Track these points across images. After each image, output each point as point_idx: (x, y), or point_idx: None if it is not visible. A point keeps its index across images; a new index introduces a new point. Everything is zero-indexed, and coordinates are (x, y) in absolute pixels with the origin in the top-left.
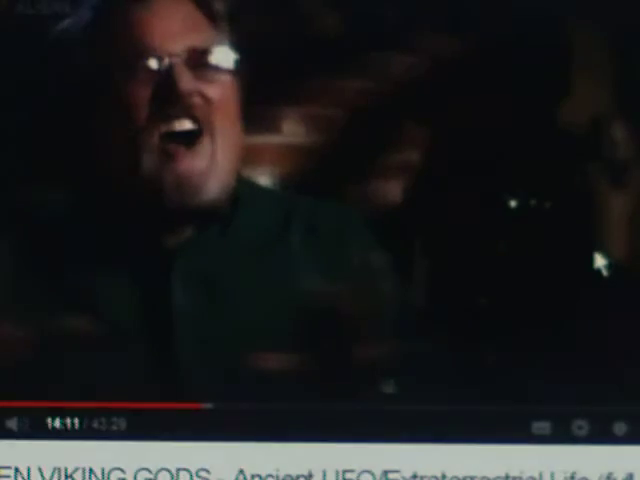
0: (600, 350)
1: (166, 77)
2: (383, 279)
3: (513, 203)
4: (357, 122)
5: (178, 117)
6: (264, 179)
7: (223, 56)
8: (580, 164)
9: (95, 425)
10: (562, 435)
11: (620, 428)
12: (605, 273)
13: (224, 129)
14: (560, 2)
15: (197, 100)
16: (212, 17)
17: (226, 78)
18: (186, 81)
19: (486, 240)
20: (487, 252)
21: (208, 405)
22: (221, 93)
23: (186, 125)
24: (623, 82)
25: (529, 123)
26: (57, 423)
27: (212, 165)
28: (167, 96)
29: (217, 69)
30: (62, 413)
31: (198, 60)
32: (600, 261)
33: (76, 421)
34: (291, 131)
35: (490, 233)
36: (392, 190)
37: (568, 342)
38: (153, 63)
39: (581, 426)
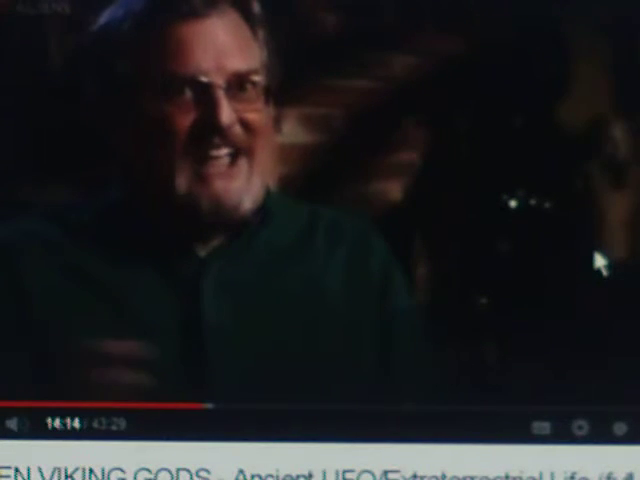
0: (600, 350)
1: (207, 109)
2: (392, 281)
3: (513, 203)
4: (357, 122)
5: (217, 146)
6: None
7: (262, 75)
8: (580, 164)
9: (95, 425)
10: (562, 435)
11: (620, 428)
12: (605, 273)
13: (262, 149)
14: (560, 2)
15: (237, 129)
16: (255, 29)
17: (263, 98)
18: (227, 114)
19: (486, 240)
20: (487, 252)
21: (208, 405)
22: (261, 115)
23: (223, 151)
24: (623, 82)
25: (529, 123)
26: (57, 423)
27: (248, 184)
28: (207, 128)
29: (257, 90)
30: (62, 413)
31: (240, 85)
32: (600, 261)
33: (76, 421)
34: (291, 131)
35: (490, 233)
36: (392, 190)
37: (568, 342)
38: (195, 92)
39: (581, 426)
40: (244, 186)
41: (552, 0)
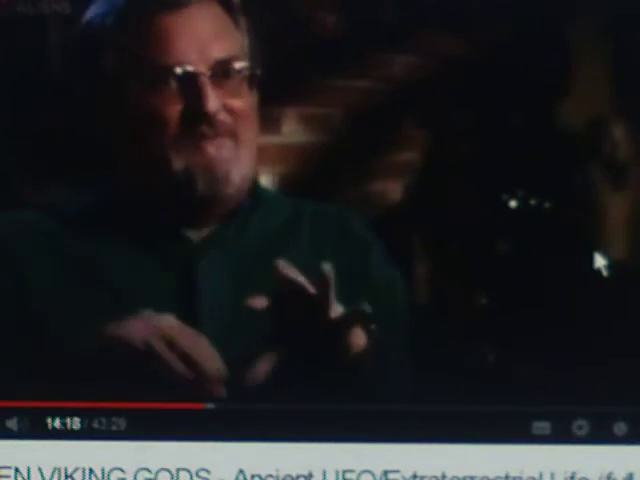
0: (600, 350)
1: (193, 97)
2: (384, 280)
3: (513, 203)
4: (357, 122)
5: (205, 132)
6: (264, 179)
7: (245, 62)
8: (580, 164)
9: (95, 425)
10: (562, 435)
11: (620, 428)
12: (605, 273)
13: (247, 131)
14: (560, 2)
15: (223, 116)
16: (235, 17)
17: (247, 84)
18: (213, 101)
19: (486, 240)
20: (487, 252)
21: (208, 405)
22: (244, 100)
23: (211, 135)
24: (623, 82)
25: (529, 123)
26: (57, 423)
27: (236, 157)
28: (194, 116)
29: (240, 77)
30: (62, 413)
31: (223, 72)
32: (600, 261)
33: (76, 421)
34: (291, 131)
35: (490, 233)
36: (392, 190)
37: (568, 342)
38: (180, 82)
39: (581, 426)
40: (232, 157)
41: (552, 0)
